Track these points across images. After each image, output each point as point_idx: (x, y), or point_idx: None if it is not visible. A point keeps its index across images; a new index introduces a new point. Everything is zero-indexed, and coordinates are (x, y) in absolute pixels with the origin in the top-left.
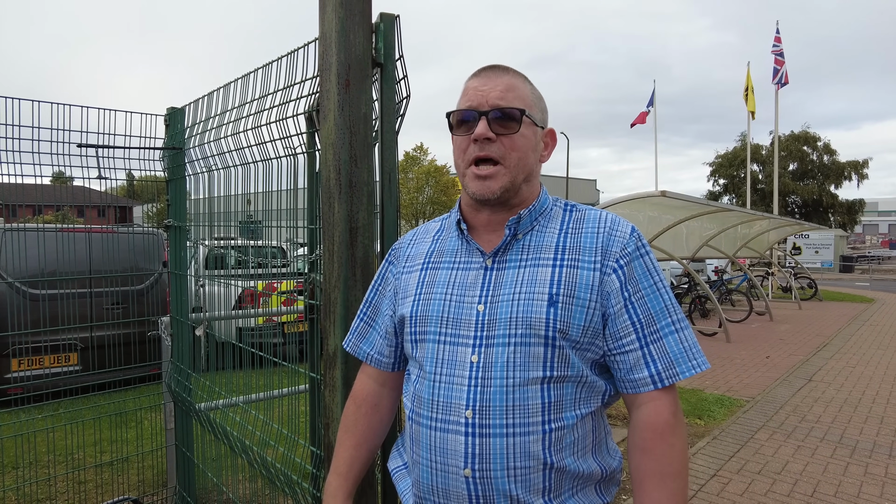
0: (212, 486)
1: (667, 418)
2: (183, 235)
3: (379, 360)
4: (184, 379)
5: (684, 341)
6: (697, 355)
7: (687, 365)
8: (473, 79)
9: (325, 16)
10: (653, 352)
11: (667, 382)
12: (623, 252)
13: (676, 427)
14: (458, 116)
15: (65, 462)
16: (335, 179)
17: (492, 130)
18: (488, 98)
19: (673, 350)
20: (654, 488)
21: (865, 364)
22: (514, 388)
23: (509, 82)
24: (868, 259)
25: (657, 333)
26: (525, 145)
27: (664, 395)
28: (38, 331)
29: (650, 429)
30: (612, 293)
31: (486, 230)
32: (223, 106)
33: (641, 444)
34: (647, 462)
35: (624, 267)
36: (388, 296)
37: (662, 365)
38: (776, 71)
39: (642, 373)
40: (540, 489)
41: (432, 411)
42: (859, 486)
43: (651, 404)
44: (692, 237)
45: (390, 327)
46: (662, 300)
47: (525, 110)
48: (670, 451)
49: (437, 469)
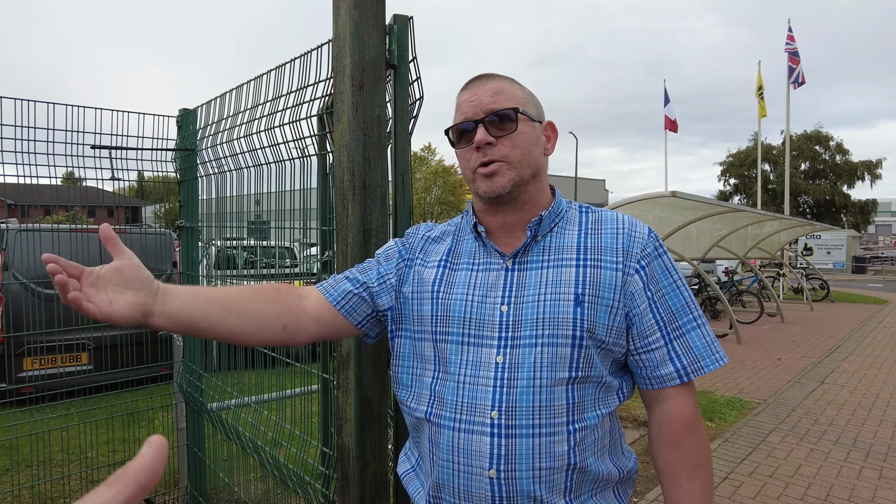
0: (223, 486)
1: (692, 411)
2: (195, 236)
3: (336, 297)
4: (195, 379)
5: (706, 336)
6: (718, 349)
7: (711, 359)
8: (463, 92)
9: (339, 18)
10: (677, 348)
11: (692, 376)
12: (643, 253)
13: (700, 419)
14: (457, 131)
15: (78, 461)
16: (349, 181)
17: (490, 135)
18: (481, 106)
19: (696, 345)
20: (687, 479)
21: (879, 366)
22: (541, 389)
23: (497, 86)
24: (881, 260)
25: (680, 330)
26: (526, 142)
27: (688, 390)
28: (52, 331)
29: (679, 422)
30: (636, 294)
31: (503, 233)
32: (235, 107)
33: (670, 437)
34: (678, 455)
35: (645, 268)
36: (381, 268)
37: (688, 360)
38: (791, 70)
39: (668, 368)
40: (562, 489)
41: (456, 412)
42: (874, 490)
43: (677, 399)
44: (702, 238)
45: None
46: (683, 297)
47: (518, 108)
48: (699, 442)
49: (460, 470)
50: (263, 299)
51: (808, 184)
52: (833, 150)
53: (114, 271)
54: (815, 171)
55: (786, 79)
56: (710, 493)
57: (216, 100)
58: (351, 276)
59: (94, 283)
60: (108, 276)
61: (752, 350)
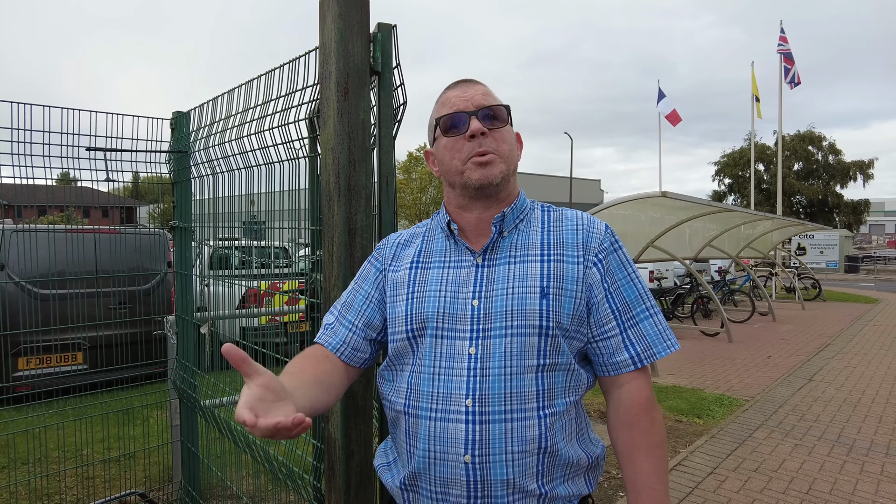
0: (216, 481)
1: (647, 394)
2: (188, 236)
3: (352, 354)
4: (189, 376)
5: (658, 324)
6: (670, 336)
7: (662, 346)
8: (450, 90)
9: (325, 26)
10: (631, 336)
11: (646, 362)
12: (601, 247)
13: (654, 401)
14: (449, 120)
15: (73, 458)
16: (334, 183)
17: (484, 127)
18: (473, 101)
19: (649, 333)
20: (644, 458)
21: (867, 364)
22: (511, 377)
23: (485, 90)
24: (874, 259)
25: (634, 319)
26: (511, 140)
27: (642, 375)
28: (48, 329)
29: (635, 405)
30: (595, 284)
31: (475, 231)
32: (227, 111)
33: (627, 419)
34: (635, 435)
35: (602, 261)
36: (362, 291)
37: (641, 347)
38: (787, 70)
39: (623, 355)
40: (534, 473)
41: (432, 402)
42: (854, 483)
43: (633, 383)
44: (695, 237)
45: (376, 321)
46: (636, 289)
47: (510, 107)
48: (653, 423)
49: (436, 458)
50: (323, 372)
51: (801, 184)
52: (826, 150)
53: (265, 390)
54: (808, 171)
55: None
56: (666, 469)
57: (208, 103)
58: (346, 324)
59: (266, 412)
60: (265, 397)
61: (742, 348)
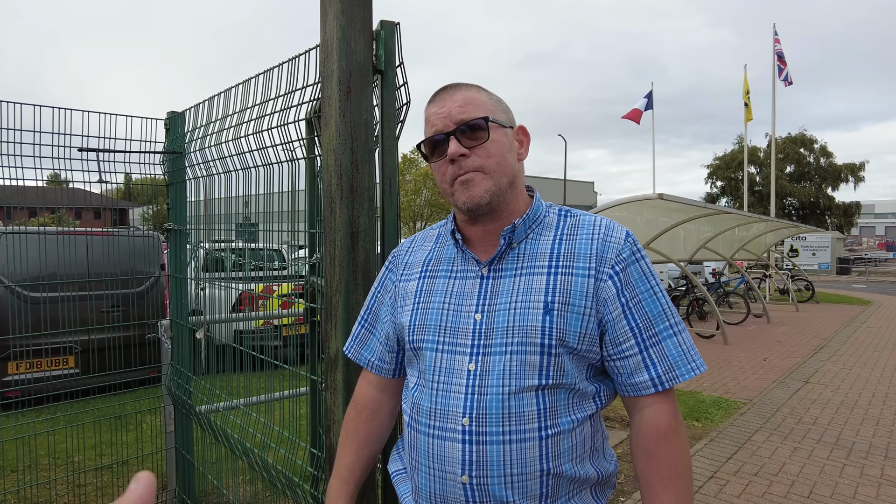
0: (211, 489)
1: (668, 421)
2: (183, 239)
3: (380, 366)
4: (184, 381)
5: (682, 344)
6: (695, 357)
7: (686, 367)
8: (431, 105)
9: (327, 24)
10: (652, 355)
11: (667, 385)
12: (618, 258)
13: (678, 429)
14: (429, 145)
15: (64, 465)
16: (336, 184)
17: (463, 146)
18: (451, 117)
19: (672, 353)
20: (663, 490)
21: (862, 366)
22: (510, 396)
23: (465, 96)
24: (865, 261)
25: (656, 337)
26: (499, 149)
27: (664, 398)
28: (38, 334)
29: (654, 431)
30: (609, 300)
31: (482, 242)
32: (224, 111)
33: (646, 447)
34: (653, 465)
35: (620, 273)
36: (386, 302)
37: (662, 368)
38: (780, 70)
39: (643, 376)
40: (537, 495)
41: (431, 419)
42: (855, 487)
43: (653, 408)
44: (690, 239)
45: (391, 333)
46: (660, 304)
47: (488, 116)
48: (674, 453)
49: (436, 476)
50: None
51: (793, 186)
52: (818, 152)
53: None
54: (800, 174)
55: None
56: (688, 502)
57: (204, 103)
58: (378, 335)
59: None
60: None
61: (738, 350)
